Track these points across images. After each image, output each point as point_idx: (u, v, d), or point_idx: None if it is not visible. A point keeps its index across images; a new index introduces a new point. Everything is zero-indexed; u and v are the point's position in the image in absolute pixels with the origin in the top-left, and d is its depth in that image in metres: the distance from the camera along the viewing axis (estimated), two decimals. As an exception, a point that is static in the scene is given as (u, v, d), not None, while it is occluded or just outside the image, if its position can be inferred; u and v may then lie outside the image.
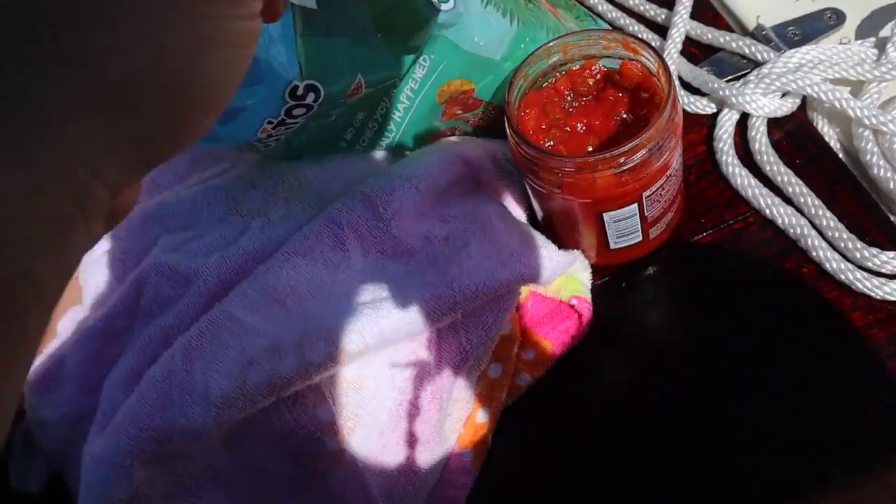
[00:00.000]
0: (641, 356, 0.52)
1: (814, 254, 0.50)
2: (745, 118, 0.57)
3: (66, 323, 0.55)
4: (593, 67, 0.49)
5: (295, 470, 0.46)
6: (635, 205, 0.47)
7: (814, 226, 0.51)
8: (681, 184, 0.51)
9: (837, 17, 0.60)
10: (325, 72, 0.44)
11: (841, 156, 0.55)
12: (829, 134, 0.56)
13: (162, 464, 0.43)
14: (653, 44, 0.62)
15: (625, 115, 0.48)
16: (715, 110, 0.58)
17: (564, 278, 0.52)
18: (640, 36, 0.63)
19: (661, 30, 0.63)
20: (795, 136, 0.56)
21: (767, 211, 0.53)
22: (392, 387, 0.48)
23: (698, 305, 0.52)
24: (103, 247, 0.54)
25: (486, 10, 0.49)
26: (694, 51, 0.62)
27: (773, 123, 0.56)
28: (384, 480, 0.47)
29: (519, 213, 0.54)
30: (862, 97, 0.54)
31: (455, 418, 0.50)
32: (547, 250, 0.49)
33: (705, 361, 0.50)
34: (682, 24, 0.61)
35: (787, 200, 0.53)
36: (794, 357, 0.48)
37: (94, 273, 0.55)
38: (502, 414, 0.51)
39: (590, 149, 0.47)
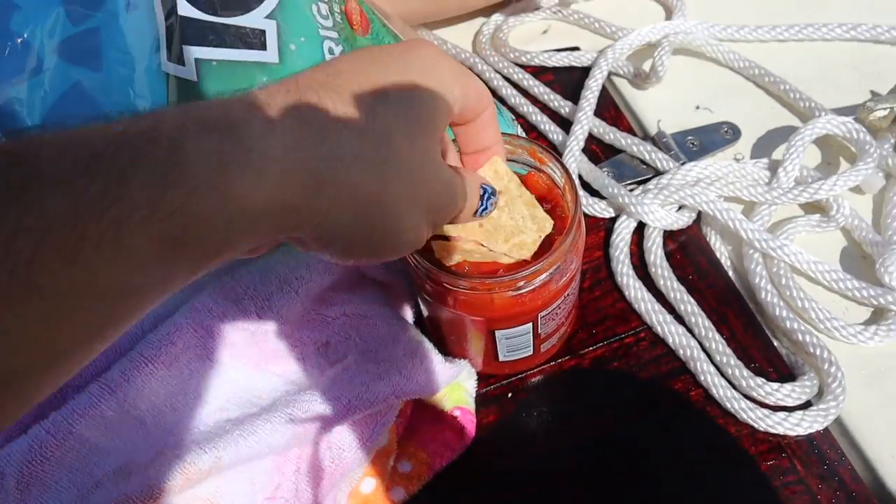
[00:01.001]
0: (525, 472, 0.49)
1: (702, 378, 0.50)
2: (641, 225, 0.56)
3: None
4: (496, 171, 0.46)
5: None
6: (530, 324, 0.44)
7: (703, 348, 0.51)
8: (576, 300, 0.49)
9: (733, 133, 0.60)
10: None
11: (731, 273, 0.55)
12: (721, 250, 0.56)
13: None
14: (555, 138, 0.60)
15: (525, 226, 0.45)
16: (613, 215, 0.57)
17: (448, 387, 0.49)
18: (542, 128, 0.61)
19: (565, 123, 0.62)
20: (690, 249, 0.55)
21: (659, 328, 0.52)
22: (251, 507, 0.43)
23: (585, 421, 0.50)
24: None
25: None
26: (595, 148, 0.61)
27: (669, 234, 0.56)
28: None
29: (406, 314, 0.50)
30: (753, 218, 0.55)
31: (320, 541, 0.45)
32: (432, 362, 0.46)
33: (589, 480, 0.48)
34: (586, 120, 0.60)
35: (679, 318, 0.52)
36: (677, 482, 0.47)
37: None
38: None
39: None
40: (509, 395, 0.51)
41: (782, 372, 0.50)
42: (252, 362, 0.44)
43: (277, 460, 0.43)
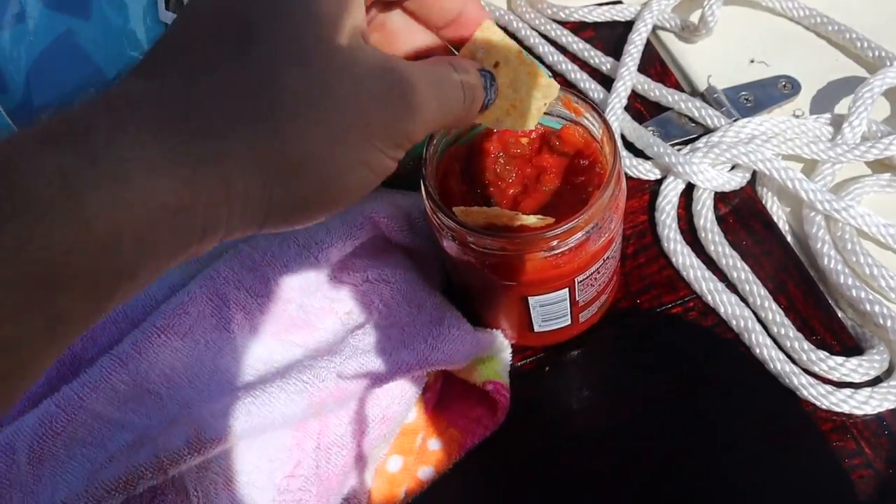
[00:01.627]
0: (562, 452, 0.45)
1: (757, 351, 0.45)
2: (690, 188, 0.52)
3: None
4: (529, 126, 0.42)
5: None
6: (566, 290, 0.40)
7: (758, 319, 0.46)
8: (617, 264, 0.45)
9: (792, 87, 0.55)
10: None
11: (789, 238, 0.50)
12: (779, 214, 0.51)
13: None
14: (596, 96, 0.56)
15: (560, 185, 0.41)
16: (659, 177, 0.53)
17: (479, 359, 0.45)
18: (581, 86, 0.57)
19: (606, 80, 0.58)
20: (743, 213, 0.51)
21: (710, 297, 0.47)
22: (270, 484, 0.41)
23: (627, 398, 0.46)
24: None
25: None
26: (639, 107, 0.57)
27: (720, 197, 0.51)
28: None
29: (433, 281, 0.47)
30: (815, 178, 0.50)
31: (344, 521, 0.43)
32: (460, 330, 0.43)
33: (631, 462, 0.44)
34: (629, 76, 0.56)
35: (732, 287, 0.48)
36: (727, 465, 0.43)
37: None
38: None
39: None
40: (546, 368, 0.47)
41: (847, 345, 0.46)
42: (270, 332, 0.42)
43: (297, 435, 0.41)
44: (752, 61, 0.58)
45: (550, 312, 0.42)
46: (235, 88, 0.24)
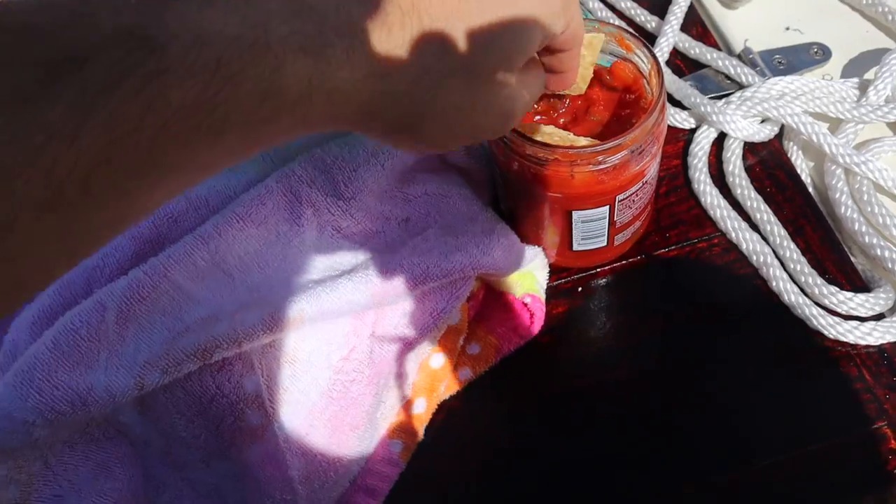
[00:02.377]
0: (590, 365, 0.50)
1: (773, 284, 0.50)
2: (721, 138, 0.56)
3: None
4: (583, 60, 0.46)
5: (211, 440, 0.42)
6: (607, 207, 0.45)
7: (776, 256, 0.51)
8: (652, 194, 0.49)
9: (823, 54, 0.59)
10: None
11: (810, 189, 0.54)
12: (802, 166, 0.55)
13: (70, 426, 0.39)
14: (639, 49, 0.60)
15: (608, 117, 0.46)
16: (694, 126, 0.57)
17: (520, 274, 0.50)
18: (628, 38, 0.61)
19: (649, 38, 0.62)
20: (769, 163, 0.55)
21: (733, 234, 0.52)
22: (327, 364, 0.45)
23: (653, 321, 0.50)
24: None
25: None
26: (679, 63, 0.61)
27: (749, 147, 0.56)
28: (305, 462, 0.44)
29: (483, 200, 0.51)
30: (838, 135, 0.54)
31: (389, 406, 0.47)
32: (508, 240, 0.47)
33: (652, 377, 0.49)
34: (672, 33, 0.60)
35: (754, 227, 0.52)
36: (742, 386, 0.47)
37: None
38: (438, 408, 0.48)
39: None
40: (579, 289, 0.52)
41: (856, 284, 0.50)
42: (336, 228, 0.46)
43: (354, 323, 0.45)
44: (787, 28, 0.62)
45: (590, 230, 0.47)
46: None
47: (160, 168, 0.24)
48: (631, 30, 0.44)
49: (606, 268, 0.52)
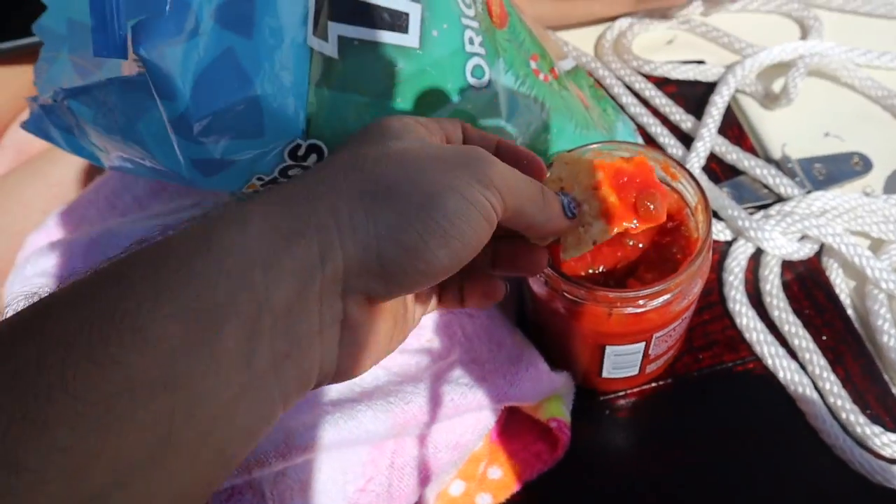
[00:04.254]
0: (614, 494, 0.47)
1: (812, 420, 0.47)
2: (759, 251, 0.54)
3: None
4: (622, 183, 0.44)
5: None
6: (642, 343, 0.43)
7: (816, 387, 0.48)
8: (689, 323, 0.47)
9: (864, 165, 0.57)
10: (333, 132, 0.39)
11: (850, 312, 0.52)
12: (842, 287, 0.53)
13: None
14: (675, 152, 0.58)
15: (646, 243, 0.43)
16: (730, 238, 0.55)
17: (546, 398, 0.48)
18: (661, 140, 0.59)
19: (685, 138, 0.60)
20: (808, 282, 0.53)
21: (770, 361, 0.49)
22: (342, 496, 0.43)
23: (682, 448, 0.48)
24: (38, 280, 0.48)
25: (518, 92, 0.44)
26: (714, 167, 0.59)
27: (787, 265, 0.53)
28: None
29: (510, 318, 0.49)
30: (881, 256, 0.52)
31: (405, 538, 0.45)
32: (537, 370, 0.45)
33: (680, 509, 0.46)
34: (709, 136, 0.58)
35: (792, 353, 0.50)
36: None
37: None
38: (455, 537, 0.46)
39: (601, 269, 0.42)
40: (606, 412, 0.49)
41: (900, 422, 0.47)
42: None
43: (373, 452, 0.43)
44: (826, 134, 0.60)
45: (622, 362, 0.44)
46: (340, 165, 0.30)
47: None
48: (676, 160, 0.42)
49: (635, 390, 0.50)
